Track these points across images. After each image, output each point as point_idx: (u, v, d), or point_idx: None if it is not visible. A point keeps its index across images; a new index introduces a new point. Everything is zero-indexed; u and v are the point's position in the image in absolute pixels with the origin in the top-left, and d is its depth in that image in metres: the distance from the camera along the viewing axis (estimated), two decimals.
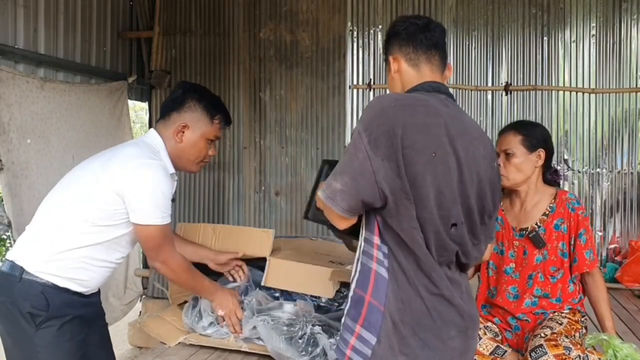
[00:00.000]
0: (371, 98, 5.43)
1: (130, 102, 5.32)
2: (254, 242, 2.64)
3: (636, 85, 5.22)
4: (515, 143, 2.53)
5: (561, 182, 2.75)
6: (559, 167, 2.82)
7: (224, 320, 2.42)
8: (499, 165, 2.48)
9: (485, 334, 2.50)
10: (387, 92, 1.89)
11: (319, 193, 1.71)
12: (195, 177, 5.62)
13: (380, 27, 5.46)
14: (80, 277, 2.13)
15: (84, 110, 4.37)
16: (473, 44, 5.39)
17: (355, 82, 5.44)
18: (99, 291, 2.34)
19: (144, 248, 2.19)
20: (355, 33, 5.46)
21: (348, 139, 5.45)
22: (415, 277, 1.66)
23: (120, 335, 5.15)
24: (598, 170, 5.29)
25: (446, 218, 1.67)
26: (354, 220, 1.73)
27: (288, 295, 2.56)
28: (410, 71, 1.83)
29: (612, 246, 5.24)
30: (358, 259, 1.77)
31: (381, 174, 1.60)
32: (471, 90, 5.38)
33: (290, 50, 5.59)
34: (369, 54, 5.46)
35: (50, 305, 2.07)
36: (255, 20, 5.62)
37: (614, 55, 5.27)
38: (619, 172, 5.28)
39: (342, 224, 1.73)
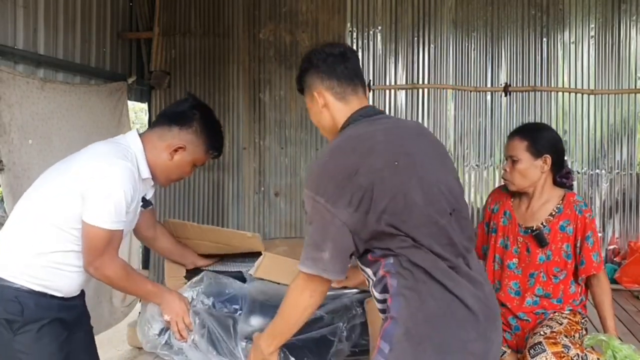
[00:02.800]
0: (371, 99, 5.44)
1: (130, 103, 5.32)
2: (245, 244, 2.59)
3: (635, 86, 5.24)
4: (520, 149, 2.54)
5: (574, 184, 2.75)
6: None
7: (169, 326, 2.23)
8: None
9: None
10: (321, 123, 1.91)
11: (304, 269, 1.72)
12: (194, 177, 5.62)
13: (379, 27, 5.47)
14: (56, 282, 2.07)
15: (85, 111, 4.37)
16: (472, 44, 5.41)
17: None
18: (82, 294, 2.27)
19: (83, 248, 2.04)
20: (354, 34, 5.48)
21: None
22: (425, 280, 1.64)
23: (119, 335, 5.15)
24: (597, 171, 5.31)
25: (442, 210, 1.69)
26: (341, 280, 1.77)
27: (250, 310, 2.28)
28: (339, 105, 1.83)
29: (611, 247, 5.26)
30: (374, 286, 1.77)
31: (350, 222, 1.64)
32: (470, 91, 5.39)
33: (289, 51, 5.59)
34: (368, 55, 5.47)
35: (25, 310, 2.01)
36: (254, 21, 5.62)
37: (612, 57, 5.28)
38: (617, 173, 5.30)
39: (329, 285, 1.77)
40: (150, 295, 2.22)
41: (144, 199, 2.22)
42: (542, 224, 2.57)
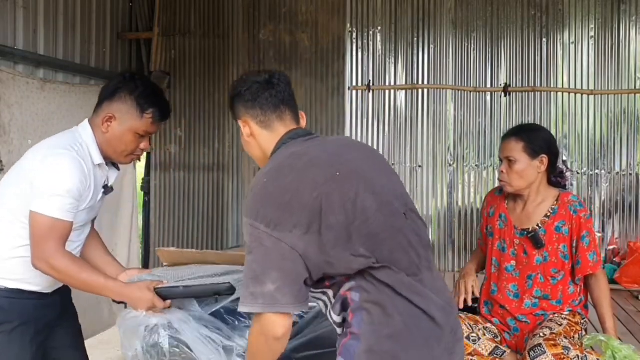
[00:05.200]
0: (370, 99, 5.45)
1: None
2: None
3: (635, 86, 5.24)
4: (517, 150, 2.54)
5: (567, 184, 2.75)
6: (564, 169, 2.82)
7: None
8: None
9: (485, 334, 2.51)
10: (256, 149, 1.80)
11: (244, 308, 1.54)
12: (194, 178, 5.63)
13: (379, 28, 5.47)
14: (29, 275, 2.05)
15: (85, 111, 4.37)
16: (472, 45, 5.41)
17: (354, 84, 5.45)
18: (65, 290, 2.24)
19: (30, 241, 1.98)
20: (354, 34, 5.47)
21: None
22: (390, 295, 1.55)
23: (119, 336, 5.15)
24: (597, 171, 5.31)
25: (396, 212, 1.61)
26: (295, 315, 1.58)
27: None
28: (265, 133, 1.76)
29: (611, 247, 5.25)
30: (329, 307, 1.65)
31: (301, 246, 1.51)
32: (470, 92, 5.39)
33: (289, 52, 5.59)
34: (368, 55, 5.47)
35: None
36: (254, 21, 5.62)
37: (612, 57, 5.28)
38: (617, 173, 5.30)
39: (281, 329, 1.53)
40: (110, 293, 2.04)
41: (105, 186, 2.19)
42: (537, 225, 2.57)
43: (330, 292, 1.63)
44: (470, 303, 2.56)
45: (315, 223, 1.52)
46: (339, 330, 1.64)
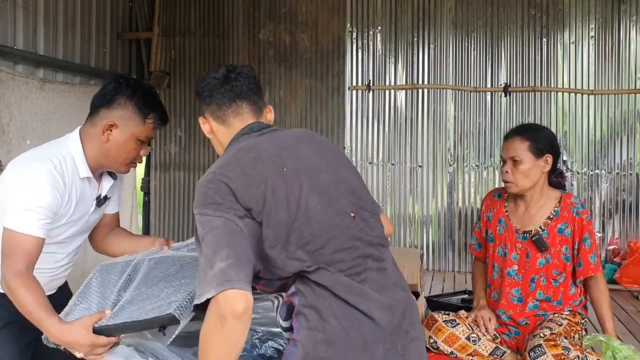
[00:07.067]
0: (370, 99, 5.45)
1: None
2: None
3: (635, 86, 5.24)
4: (522, 149, 2.51)
5: (567, 184, 2.75)
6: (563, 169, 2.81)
7: None
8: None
9: (485, 335, 2.51)
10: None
11: (198, 300, 1.42)
12: (193, 178, 5.63)
13: (379, 28, 5.47)
14: None
15: (84, 112, 4.31)
16: (472, 45, 5.41)
17: (354, 84, 5.46)
18: (55, 296, 2.15)
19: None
20: (354, 34, 5.48)
21: (347, 141, 5.46)
22: (326, 297, 1.51)
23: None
24: (597, 171, 5.31)
25: (342, 211, 1.58)
26: (250, 300, 1.42)
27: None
28: (221, 129, 1.74)
29: (611, 247, 5.25)
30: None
31: (247, 232, 1.48)
32: (470, 92, 5.39)
33: (289, 52, 5.59)
34: (368, 55, 5.47)
35: None
36: (254, 21, 5.62)
37: (612, 57, 5.28)
38: (617, 173, 5.29)
39: (241, 304, 1.39)
40: (43, 329, 1.87)
41: (98, 198, 2.13)
42: (540, 227, 2.55)
43: (280, 299, 1.60)
44: (492, 331, 2.54)
45: (259, 215, 1.50)
46: (286, 335, 1.60)
